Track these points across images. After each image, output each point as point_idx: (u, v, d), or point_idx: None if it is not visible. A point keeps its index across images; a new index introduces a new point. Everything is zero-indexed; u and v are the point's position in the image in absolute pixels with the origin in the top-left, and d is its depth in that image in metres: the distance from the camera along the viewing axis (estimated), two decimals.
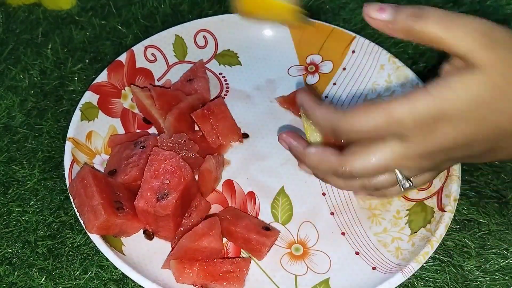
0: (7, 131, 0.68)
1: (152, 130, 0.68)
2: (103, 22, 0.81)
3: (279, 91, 0.72)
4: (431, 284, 0.58)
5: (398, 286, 0.53)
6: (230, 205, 0.62)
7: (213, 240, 0.55)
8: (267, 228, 0.58)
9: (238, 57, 0.75)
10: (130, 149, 0.62)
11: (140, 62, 0.71)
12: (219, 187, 0.64)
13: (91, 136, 0.64)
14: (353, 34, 0.74)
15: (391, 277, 0.53)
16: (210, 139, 0.65)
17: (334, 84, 0.74)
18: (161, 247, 0.58)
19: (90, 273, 0.57)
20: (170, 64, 0.73)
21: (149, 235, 0.59)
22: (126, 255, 0.57)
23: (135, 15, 0.82)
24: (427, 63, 0.78)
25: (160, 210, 0.55)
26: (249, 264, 0.56)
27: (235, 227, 0.58)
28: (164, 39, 0.73)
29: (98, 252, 0.58)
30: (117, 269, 0.56)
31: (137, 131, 0.68)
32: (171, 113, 0.64)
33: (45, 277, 0.57)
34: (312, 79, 0.74)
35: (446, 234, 0.57)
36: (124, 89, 0.69)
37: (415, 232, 0.59)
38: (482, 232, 0.61)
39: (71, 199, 0.57)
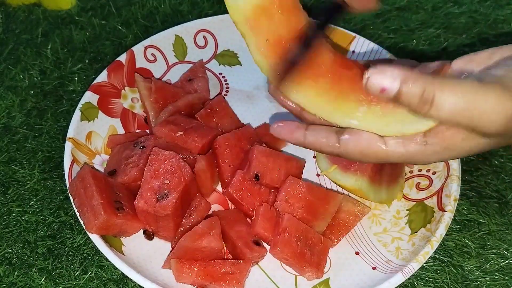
0: (7, 131, 0.68)
1: None
2: (103, 22, 0.81)
3: None
4: (431, 284, 0.58)
5: (398, 286, 0.53)
6: (230, 205, 0.62)
7: (213, 240, 0.55)
8: (257, 243, 0.58)
9: (238, 57, 0.75)
10: (130, 149, 0.62)
11: (140, 62, 0.71)
12: (220, 187, 0.64)
13: (91, 136, 0.64)
14: (353, 34, 0.74)
15: (391, 277, 0.53)
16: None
17: None
18: (161, 247, 0.58)
19: (90, 273, 0.57)
20: (170, 64, 0.73)
21: (149, 235, 0.59)
22: (126, 255, 0.57)
23: (135, 15, 0.82)
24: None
25: (160, 210, 0.55)
26: (250, 266, 0.56)
27: (229, 230, 0.58)
28: (164, 39, 0.73)
29: (98, 252, 0.58)
30: (117, 269, 0.56)
31: (137, 131, 0.68)
32: (165, 110, 0.64)
33: (45, 277, 0.57)
34: None
35: (446, 234, 0.57)
36: (124, 89, 0.69)
37: (415, 232, 0.59)
38: (482, 232, 0.61)
39: (71, 199, 0.57)
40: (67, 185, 0.58)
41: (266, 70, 0.48)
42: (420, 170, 0.63)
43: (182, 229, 0.58)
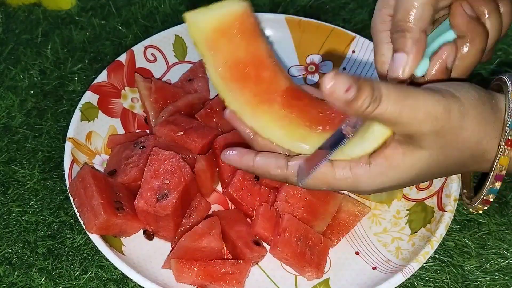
0: (7, 131, 0.68)
1: None
2: (103, 22, 0.81)
3: None
4: (431, 284, 0.58)
5: (398, 286, 0.53)
6: (230, 205, 0.62)
7: (213, 240, 0.55)
8: (257, 243, 0.58)
9: None
10: (130, 149, 0.62)
11: (140, 62, 0.71)
12: (220, 187, 0.64)
13: (91, 136, 0.64)
14: (353, 34, 0.74)
15: (391, 277, 0.53)
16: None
17: None
18: (161, 247, 0.58)
19: (90, 273, 0.57)
20: (170, 64, 0.73)
21: (149, 235, 0.59)
22: (126, 255, 0.57)
23: (135, 15, 0.82)
24: None
25: (160, 210, 0.55)
26: (250, 266, 0.56)
27: (229, 230, 0.58)
28: (164, 39, 0.73)
29: (98, 252, 0.58)
30: (117, 269, 0.56)
31: (137, 131, 0.68)
32: (165, 110, 0.64)
33: (45, 277, 0.57)
34: (312, 79, 0.74)
35: (446, 234, 0.57)
36: (124, 89, 0.69)
37: (415, 232, 0.59)
38: (482, 232, 0.61)
39: (71, 199, 0.57)
40: (67, 185, 0.58)
41: (223, 91, 0.49)
42: None
43: (182, 229, 0.58)
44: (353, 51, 0.74)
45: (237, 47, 0.48)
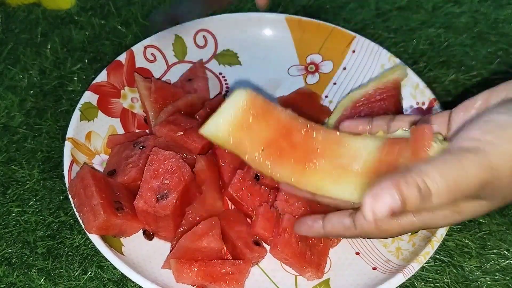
0: (7, 131, 0.68)
1: None
2: (102, 22, 0.81)
3: (279, 91, 0.72)
4: (432, 284, 0.57)
5: (398, 286, 0.53)
6: (230, 205, 0.62)
7: (213, 240, 0.55)
8: (257, 243, 0.58)
9: (238, 57, 0.75)
10: (129, 149, 0.62)
11: (140, 62, 0.71)
12: None
13: (90, 136, 0.64)
14: (353, 34, 0.74)
15: (391, 278, 0.53)
16: None
17: (334, 83, 0.73)
18: (161, 247, 0.58)
19: (90, 274, 0.57)
20: (169, 64, 0.73)
21: (148, 236, 0.59)
22: (125, 255, 0.56)
23: (135, 15, 0.82)
24: (428, 63, 0.78)
25: (160, 211, 0.55)
26: (250, 266, 0.56)
27: (229, 230, 0.58)
28: (164, 39, 0.73)
29: (97, 252, 0.58)
30: (116, 269, 0.56)
31: (137, 131, 0.68)
32: (165, 110, 0.64)
33: (44, 277, 0.57)
34: (312, 79, 0.74)
35: (446, 234, 0.57)
36: (124, 89, 0.69)
37: (416, 232, 0.59)
38: (482, 233, 0.61)
39: (71, 199, 0.57)
40: (67, 185, 0.58)
41: (268, 173, 0.48)
42: None
43: (182, 229, 0.58)
44: (354, 51, 0.74)
45: (259, 131, 0.47)
